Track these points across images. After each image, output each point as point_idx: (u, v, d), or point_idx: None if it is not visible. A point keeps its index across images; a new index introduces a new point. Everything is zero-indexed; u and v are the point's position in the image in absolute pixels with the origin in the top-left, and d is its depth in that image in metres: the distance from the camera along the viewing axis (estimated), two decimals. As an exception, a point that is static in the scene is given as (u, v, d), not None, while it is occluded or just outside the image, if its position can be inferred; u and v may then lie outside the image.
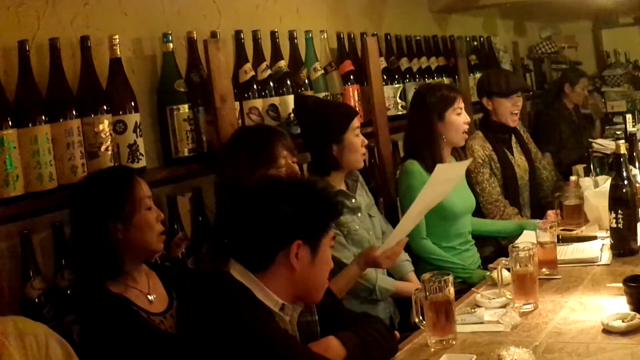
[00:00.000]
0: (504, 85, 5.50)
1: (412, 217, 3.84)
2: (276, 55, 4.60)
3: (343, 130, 4.22)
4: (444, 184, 3.93)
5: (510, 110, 5.49)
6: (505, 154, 5.51)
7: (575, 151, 7.29)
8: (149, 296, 3.12)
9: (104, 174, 3.22)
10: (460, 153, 4.95)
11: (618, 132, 7.07)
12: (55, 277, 3.30)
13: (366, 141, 4.35)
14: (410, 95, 5.74)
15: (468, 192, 5.03)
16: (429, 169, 4.60)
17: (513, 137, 5.67)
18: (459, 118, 4.78)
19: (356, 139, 4.25)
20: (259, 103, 4.34)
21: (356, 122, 4.29)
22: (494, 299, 3.52)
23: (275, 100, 4.43)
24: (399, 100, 5.68)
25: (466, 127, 4.83)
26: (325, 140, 4.20)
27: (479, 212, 5.20)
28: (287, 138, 3.83)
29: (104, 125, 3.46)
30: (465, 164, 4.37)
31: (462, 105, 4.82)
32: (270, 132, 3.85)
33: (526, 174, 5.62)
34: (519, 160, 5.59)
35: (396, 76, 5.76)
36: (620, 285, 3.29)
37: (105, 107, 3.49)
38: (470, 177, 5.22)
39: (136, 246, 3.07)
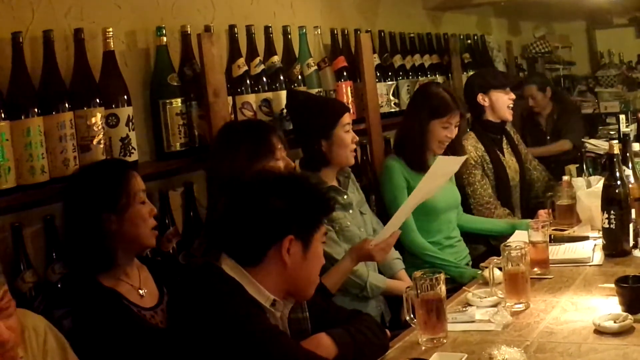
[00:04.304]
0: (501, 78, 5.56)
1: (408, 208, 3.87)
2: (269, 50, 4.59)
3: (332, 126, 4.21)
4: (440, 177, 3.94)
5: (507, 103, 5.52)
6: (497, 154, 5.53)
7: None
8: (140, 290, 3.13)
9: (99, 165, 3.24)
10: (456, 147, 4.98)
11: (612, 133, 7.07)
12: (46, 271, 3.29)
13: (357, 137, 4.34)
14: (403, 92, 5.76)
15: (452, 188, 5.04)
16: (412, 166, 4.64)
17: (504, 138, 5.69)
18: (443, 131, 4.80)
19: (346, 135, 4.24)
20: (251, 98, 4.33)
21: (346, 118, 4.28)
22: (485, 297, 3.52)
23: (268, 95, 4.43)
24: (391, 98, 5.68)
25: (447, 141, 4.85)
26: (314, 135, 4.21)
27: (469, 214, 5.20)
28: (279, 131, 3.84)
29: (97, 118, 3.45)
30: (461, 159, 4.37)
31: (454, 121, 4.83)
32: (265, 125, 3.86)
33: (517, 175, 5.65)
34: (509, 161, 5.61)
35: (389, 73, 5.75)
36: (612, 285, 3.29)
37: (98, 100, 3.48)
38: (462, 178, 5.23)
39: (129, 239, 3.07)
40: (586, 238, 4.33)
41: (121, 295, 3.03)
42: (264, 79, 4.44)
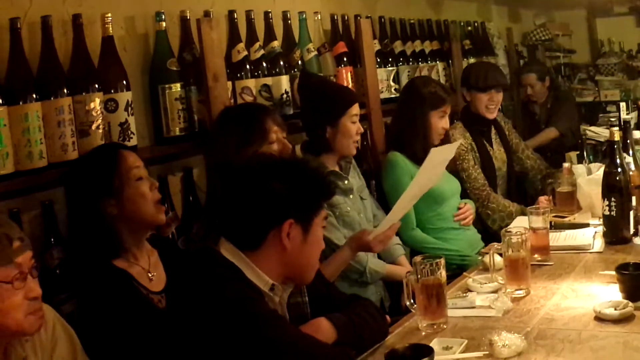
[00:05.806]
0: (481, 80, 5.53)
1: (406, 201, 3.83)
2: (269, 35, 4.58)
3: (339, 114, 4.21)
4: (436, 167, 3.93)
5: (485, 104, 5.52)
6: (484, 145, 5.56)
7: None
8: (149, 274, 3.15)
9: (90, 154, 3.25)
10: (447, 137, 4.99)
11: (612, 119, 7.05)
12: (45, 256, 3.28)
13: (362, 129, 4.34)
14: (403, 78, 5.75)
15: (450, 175, 5.06)
16: (413, 159, 4.63)
17: (493, 129, 5.69)
18: (440, 121, 4.86)
19: (352, 125, 4.23)
20: (251, 83, 4.32)
21: (355, 109, 4.27)
22: (485, 283, 3.51)
23: (268, 80, 4.42)
24: (392, 83, 5.67)
25: (443, 132, 4.90)
26: (320, 120, 4.20)
27: (466, 198, 5.20)
28: (276, 113, 3.83)
29: (95, 103, 3.44)
30: (455, 145, 4.37)
31: (448, 110, 4.91)
32: (259, 108, 3.85)
33: (504, 166, 5.66)
34: (497, 152, 5.62)
35: (390, 59, 5.74)
36: (613, 272, 3.28)
37: (96, 86, 3.47)
38: (455, 165, 5.24)
39: (133, 219, 3.11)
40: (586, 225, 4.32)
41: (132, 277, 3.06)
42: (264, 64, 4.43)
